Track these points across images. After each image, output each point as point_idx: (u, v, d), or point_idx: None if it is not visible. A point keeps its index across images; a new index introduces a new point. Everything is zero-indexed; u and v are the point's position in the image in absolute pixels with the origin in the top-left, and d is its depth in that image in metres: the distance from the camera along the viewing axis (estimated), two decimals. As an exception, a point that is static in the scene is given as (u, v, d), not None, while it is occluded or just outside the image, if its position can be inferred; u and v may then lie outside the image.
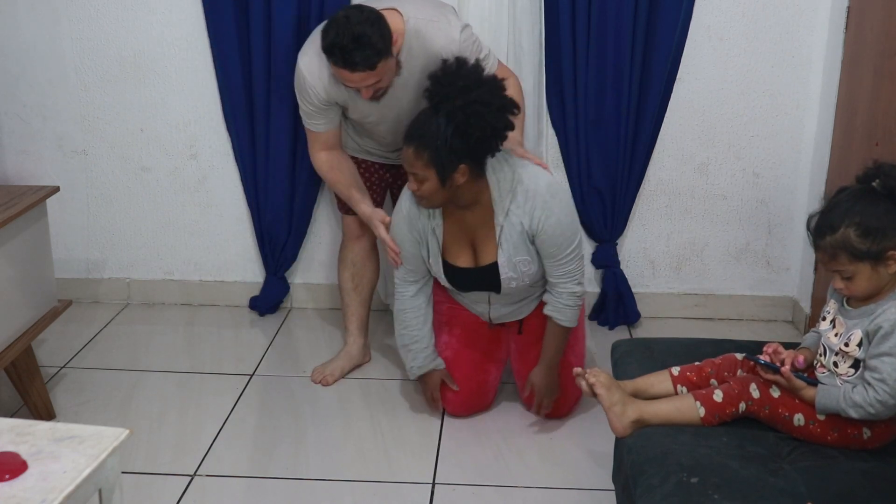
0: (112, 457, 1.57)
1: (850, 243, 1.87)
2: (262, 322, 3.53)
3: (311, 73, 2.64)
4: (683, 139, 3.34)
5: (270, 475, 2.56)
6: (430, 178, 2.39)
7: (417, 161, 2.38)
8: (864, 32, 2.91)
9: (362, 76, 2.49)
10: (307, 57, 2.66)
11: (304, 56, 2.68)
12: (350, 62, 2.45)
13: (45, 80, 3.39)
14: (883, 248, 1.86)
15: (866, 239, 1.86)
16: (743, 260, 3.48)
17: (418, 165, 2.38)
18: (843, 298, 2.00)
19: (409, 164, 2.41)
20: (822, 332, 2.03)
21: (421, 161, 2.37)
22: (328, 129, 2.77)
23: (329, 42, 2.46)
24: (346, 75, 2.51)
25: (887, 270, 1.88)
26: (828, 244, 1.90)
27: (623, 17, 3.06)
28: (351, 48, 2.43)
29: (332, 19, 2.49)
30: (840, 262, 1.90)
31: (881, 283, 1.90)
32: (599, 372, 2.12)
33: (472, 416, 2.83)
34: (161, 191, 3.52)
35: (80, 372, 3.11)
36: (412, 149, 2.38)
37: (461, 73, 2.37)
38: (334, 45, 2.45)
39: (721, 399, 2.04)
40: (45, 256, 2.75)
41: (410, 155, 2.39)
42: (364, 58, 2.44)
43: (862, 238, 1.86)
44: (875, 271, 1.89)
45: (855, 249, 1.87)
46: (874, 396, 1.87)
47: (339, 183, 2.84)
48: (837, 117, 3.11)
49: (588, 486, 2.50)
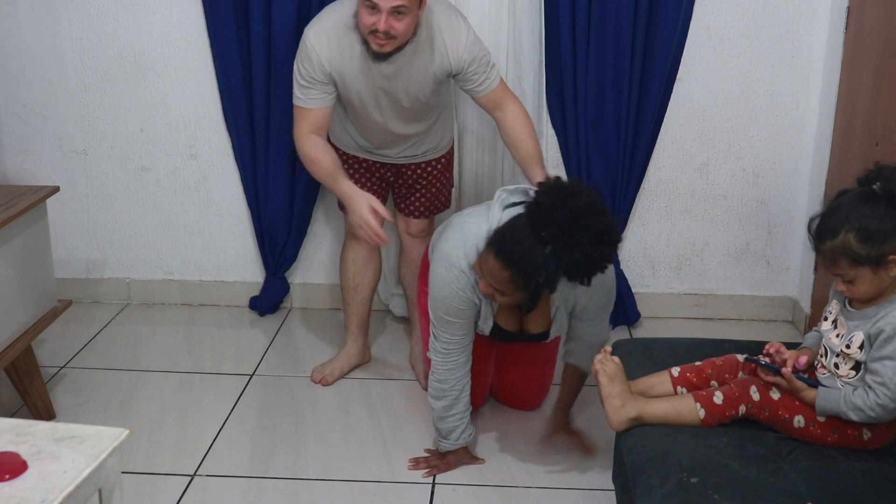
0: (112, 457, 1.57)
1: (850, 248, 1.86)
2: (262, 322, 3.53)
3: (318, 42, 2.64)
4: (683, 139, 3.34)
5: (270, 475, 2.56)
6: (515, 298, 2.23)
7: (509, 284, 2.18)
8: (864, 32, 2.91)
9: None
10: (315, 28, 2.66)
11: (313, 28, 2.67)
12: None
13: (45, 80, 3.39)
14: (883, 252, 1.85)
15: (866, 244, 1.85)
16: (743, 260, 3.48)
17: (509, 288, 2.19)
18: (845, 299, 1.99)
19: (494, 279, 2.19)
20: (823, 332, 2.03)
21: (513, 285, 2.18)
22: (321, 107, 2.73)
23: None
24: None
25: (888, 274, 1.87)
26: (828, 249, 1.89)
27: (623, 17, 3.05)
28: None
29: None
30: (841, 266, 1.89)
31: (882, 285, 1.89)
32: (610, 360, 2.12)
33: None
34: (161, 191, 3.52)
35: (80, 372, 3.11)
36: (507, 273, 2.15)
37: (570, 202, 2.09)
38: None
39: (721, 401, 2.04)
40: (45, 256, 2.74)
41: (499, 273, 2.16)
42: None
43: (862, 243, 1.85)
44: (876, 275, 1.88)
45: (855, 255, 1.86)
46: (875, 400, 1.86)
47: (323, 162, 2.71)
48: (837, 117, 3.11)
49: (588, 486, 2.50)
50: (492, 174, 3.30)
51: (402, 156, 2.90)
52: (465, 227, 2.37)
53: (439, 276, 2.37)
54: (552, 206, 2.09)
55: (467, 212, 2.49)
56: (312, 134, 2.74)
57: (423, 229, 3.05)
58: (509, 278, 2.16)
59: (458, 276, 2.33)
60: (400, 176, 2.98)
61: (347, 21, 2.63)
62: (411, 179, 2.97)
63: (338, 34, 2.63)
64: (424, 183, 2.99)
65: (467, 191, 3.32)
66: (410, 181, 2.97)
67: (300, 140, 2.76)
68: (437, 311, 2.41)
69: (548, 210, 2.09)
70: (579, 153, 3.24)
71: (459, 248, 2.33)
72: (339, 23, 2.63)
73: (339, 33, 2.63)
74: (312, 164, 2.76)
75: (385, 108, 2.75)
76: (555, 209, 2.08)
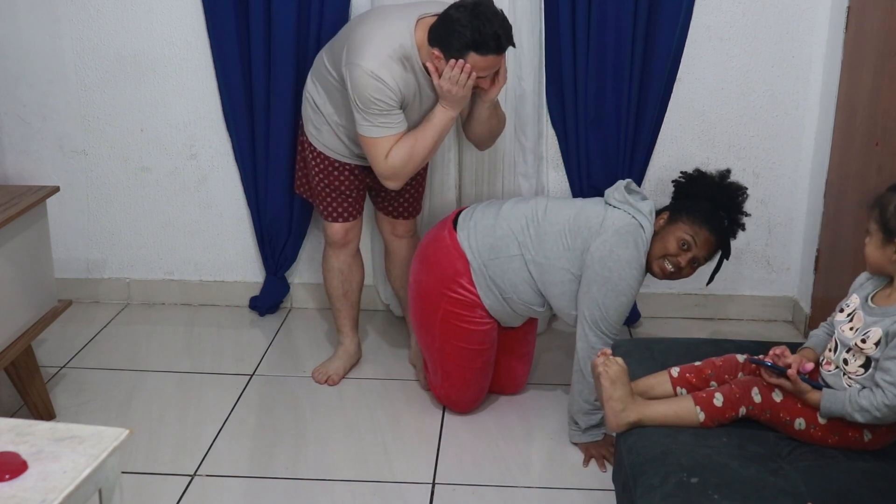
0: (112, 457, 1.57)
1: (886, 208, 1.90)
2: (262, 322, 3.53)
3: (386, 74, 2.55)
4: (683, 139, 3.34)
5: (270, 475, 2.56)
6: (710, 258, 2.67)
7: (710, 249, 2.62)
8: (864, 32, 2.91)
9: (501, 58, 2.57)
10: (375, 61, 2.55)
11: (374, 60, 2.55)
12: (506, 45, 2.53)
13: (45, 80, 3.39)
14: None
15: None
16: (743, 260, 3.48)
17: (710, 249, 2.62)
18: (867, 295, 1.99)
19: (704, 249, 2.60)
20: (836, 323, 2.02)
21: (710, 246, 2.62)
22: (404, 129, 2.66)
23: (490, 32, 2.48)
24: (491, 62, 2.53)
25: (889, 253, 1.91)
26: (875, 199, 1.94)
27: (623, 17, 3.05)
28: (509, 30, 2.53)
29: (475, 14, 2.48)
30: (871, 218, 1.94)
31: (882, 260, 1.93)
32: (613, 362, 2.12)
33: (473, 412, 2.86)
34: (161, 191, 3.52)
35: (80, 372, 3.11)
36: (713, 236, 2.61)
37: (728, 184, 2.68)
38: (496, 35, 2.49)
39: (721, 404, 2.04)
40: (45, 256, 2.74)
41: (711, 243, 2.61)
42: (511, 37, 2.54)
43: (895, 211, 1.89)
44: (882, 248, 1.92)
45: (883, 215, 1.90)
46: (882, 400, 1.85)
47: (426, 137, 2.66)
48: (837, 117, 3.11)
49: (588, 486, 2.50)
50: (492, 174, 3.30)
51: None
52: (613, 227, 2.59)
53: (624, 276, 2.55)
54: None
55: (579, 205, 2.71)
56: (391, 152, 2.64)
57: (409, 230, 3.11)
58: (714, 243, 2.62)
59: (639, 277, 2.59)
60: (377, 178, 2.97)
61: (406, 48, 2.58)
62: None
63: (400, 63, 2.58)
64: (413, 184, 3.03)
65: (467, 191, 3.32)
66: None
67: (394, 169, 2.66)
68: (616, 308, 2.57)
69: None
70: (579, 153, 3.24)
71: (631, 246, 2.56)
72: (399, 52, 2.57)
73: (401, 61, 2.58)
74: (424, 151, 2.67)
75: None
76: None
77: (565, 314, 2.65)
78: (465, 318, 2.68)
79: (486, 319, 2.70)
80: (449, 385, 2.80)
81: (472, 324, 2.69)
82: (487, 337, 2.73)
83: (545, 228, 2.62)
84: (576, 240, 2.58)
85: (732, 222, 2.67)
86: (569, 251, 2.58)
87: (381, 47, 2.57)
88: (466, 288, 2.66)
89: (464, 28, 2.47)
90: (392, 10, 2.70)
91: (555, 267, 2.60)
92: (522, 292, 2.65)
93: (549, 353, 3.25)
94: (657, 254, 2.57)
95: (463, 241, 2.67)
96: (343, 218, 2.93)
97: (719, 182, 2.67)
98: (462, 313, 2.68)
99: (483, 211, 2.73)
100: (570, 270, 2.59)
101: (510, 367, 2.92)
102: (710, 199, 2.64)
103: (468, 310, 2.68)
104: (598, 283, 2.52)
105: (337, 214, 2.93)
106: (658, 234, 2.59)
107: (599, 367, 2.12)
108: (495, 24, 2.48)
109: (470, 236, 2.67)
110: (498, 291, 2.66)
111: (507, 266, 2.64)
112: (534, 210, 2.67)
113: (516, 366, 2.93)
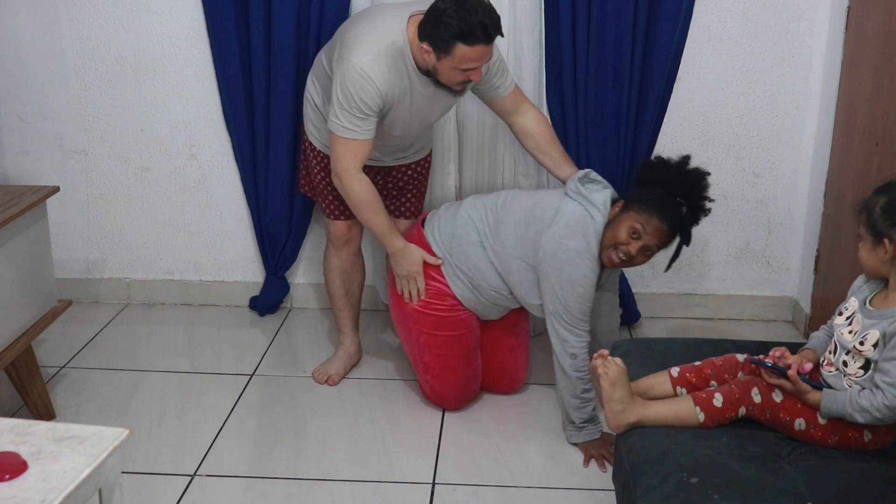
0: (112, 457, 1.57)
1: (872, 211, 1.91)
2: (262, 322, 3.53)
3: (375, 71, 2.55)
4: (683, 139, 3.34)
5: (270, 475, 2.56)
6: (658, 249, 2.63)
7: (662, 237, 2.59)
8: (864, 32, 2.91)
9: (490, 48, 2.56)
10: (369, 57, 2.56)
11: (365, 56, 2.56)
12: (493, 35, 2.51)
13: (45, 80, 3.39)
14: (886, 231, 1.89)
15: (883, 215, 1.89)
16: (743, 260, 3.48)
17: (662, 237, 2.59)
18: (864, 297, 1.99)
19: (655, 237, 2.57)
20: (835, 326, 2.02)
21: (662, 234, 2.59)
22: (372, 137, 2.65)
23: (476, 22, 2.47)
24: (479, 52, 2.52)
25: (881, 254, 1.91)
26: (861, 203, 1.95)
27: (623, 17, 3.05)
28: (496, 19, 2.52)
29: (461, 4, 2.48)
30: (860, 222, 1.95)
31: (875, 263, 1.93)
32: (612, 363, 2.12)
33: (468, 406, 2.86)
34: (161, 191, 3.52)
35: (80, 372, 3.11)
36: (664, 224, 2.57)
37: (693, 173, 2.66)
38: (482, 24, 2.48)
39: (721, 404, 2.04)
40: (45, 256, 2.74)
41: (663, 232, 2.57)
42: (499, 26, 2.53)
43: (882, 212, 1.89)
44: (874, 250, 1.92)
45: (870, 219, 1.91)
46: (882, 401, 1.86)
47: (379, 210, 2.70)
48: (837, 117, 3.11)
49: (588, 486, 2.50)
50: (492, 174, 3.30)
51: (394, 158, 2.92)
52: (564, 219, 2.58)
53: (576, 266, 2.54)
54: None
55: (528, 208, 2.67)
56: (361, 172, 2.66)
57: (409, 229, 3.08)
58: (667, 231, 2.59)
59: (592, 267, 2.56)
60: (389, 179, 2.98)
61: (398, 44, 2.57)
62: (401, 182, 3.00)
63: (392, 60, 2.57)
64: (416, 183, 3.03)
65: (467, 191, 3.31)
66: (401, 183, 3.00)
67: (351, 178, 2.65)
68: (575, 300, 2.55)
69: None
70: (579, 153, 3.23)
71: (580, 237, 2.55)
72: (391, 49, 2.57)
73: (394, 58, 2.57)
74: (366, 209, 2.69)
75: (412, 126, 2.75)
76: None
77: (527, 304, 2.70)
78: (435, 307, 2.74)
79: (458, 308, 2.75)
80: (431, 377, 2.82)
81: (442, 311, 2.74)
82: (462, 324, 2.77)
83: (503, 218, 2.68)
84: (528, 230, 2.62)
85: (695, 209, 2.63)
86: (522, 241, 2.63)
87: (373, 44, 2.58)
88: (435, 278, 2.73)
89: (450, 19, 2.47)
90: (386, 9, 2.71)
91: (511, 256, 2.65)
92: (490, 277, 2.70)
93: (548, 352, 3.23)
94: (608, 243, 2.57)
95: (428, 234, 2.77)
96: (345, 216, 2.93)
97: (678, 169, 2.64)
98: (432, 302, 2.74)
99: (447, 207, 2.84)
100: (524, 260, 2.63)
101: (501, 361, 2.92)
102: (666, 186, 2.61)
103: (439, 299, 2.74)
104: (553, 275, 2.56)
105: (339, 212, 2.93)
106: (611, 223, 2.59)
107: (598, 368, 2.12)
108: (482, 13, 2.48)
109: (434, 229, 2.77)
110: (466, 279, 2.71)
111: (469, 252, 2.70)
112: (494, 200, 2.74)
113: (507, 360, 2.93)
